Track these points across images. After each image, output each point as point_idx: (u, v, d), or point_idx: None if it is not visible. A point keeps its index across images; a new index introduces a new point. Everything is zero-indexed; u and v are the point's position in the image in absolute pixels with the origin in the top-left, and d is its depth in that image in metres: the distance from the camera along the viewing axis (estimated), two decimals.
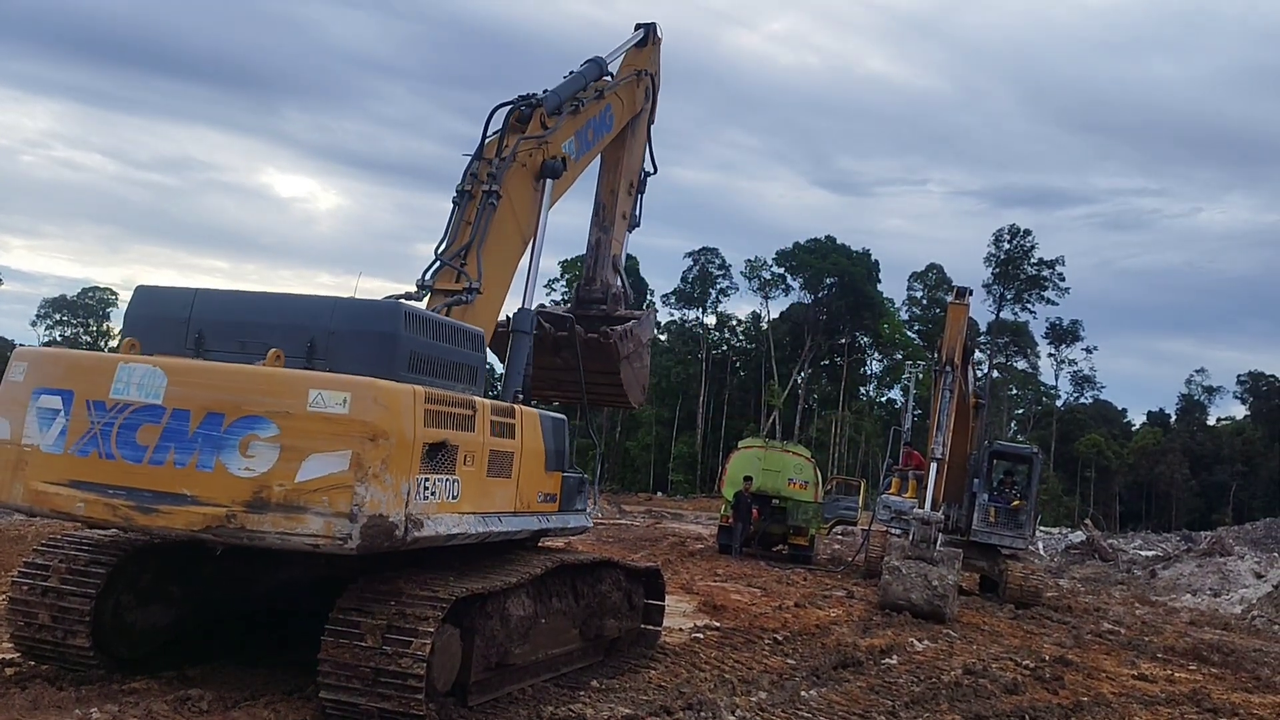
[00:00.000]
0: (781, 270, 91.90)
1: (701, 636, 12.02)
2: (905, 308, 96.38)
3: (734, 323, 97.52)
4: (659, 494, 71.24)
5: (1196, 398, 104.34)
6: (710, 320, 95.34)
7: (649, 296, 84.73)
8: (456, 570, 7.63)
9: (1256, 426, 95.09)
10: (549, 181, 9.99)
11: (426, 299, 9.01)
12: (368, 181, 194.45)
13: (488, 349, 9.04)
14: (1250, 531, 43.63)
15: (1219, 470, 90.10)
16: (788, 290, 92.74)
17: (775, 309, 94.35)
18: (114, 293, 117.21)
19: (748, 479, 22.24)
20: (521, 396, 9.19)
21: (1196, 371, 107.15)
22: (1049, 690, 11.29)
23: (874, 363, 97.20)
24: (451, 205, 9.56)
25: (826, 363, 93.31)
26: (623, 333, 11.52)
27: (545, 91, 10.37)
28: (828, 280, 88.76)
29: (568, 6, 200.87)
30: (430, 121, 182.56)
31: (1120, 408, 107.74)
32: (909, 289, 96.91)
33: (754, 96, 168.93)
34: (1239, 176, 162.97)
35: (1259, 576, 27.72)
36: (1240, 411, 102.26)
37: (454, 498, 7.18)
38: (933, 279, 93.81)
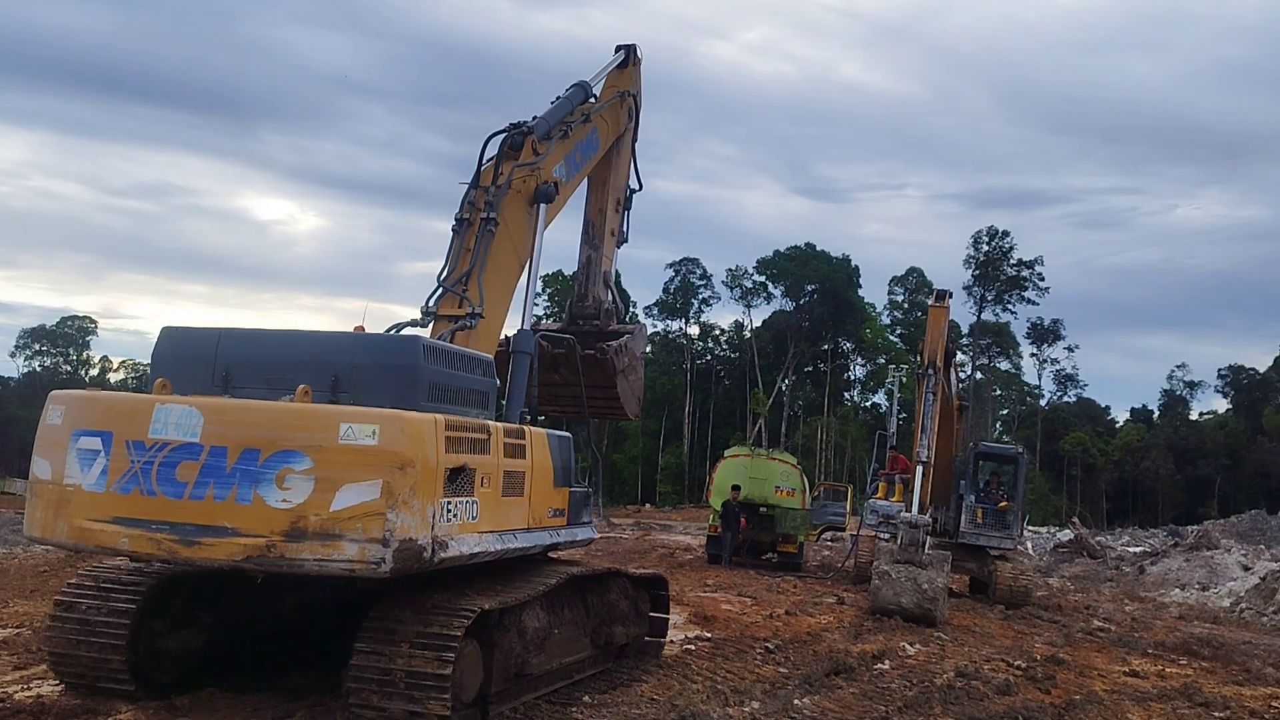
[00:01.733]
0: (763, 278, 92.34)
1: (693, 648, 11.98)
2: (887, 312, 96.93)
3: (717, 332, 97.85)
4: (647, 505, 71.19)
5: (1178, 393, 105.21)
6: (694, 330, 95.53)
7: (632, 308, 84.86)
8: (474, 586, 7.96)
9: (1238, 419, 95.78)
10: (543, 206, 10.34)
11: (431, 325, 9.35)
12: (347, 202, 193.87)
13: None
14: (1236, 524, 43.90)
15: (1203, 464, 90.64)
16: (769, 298, 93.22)
17: (758, 317, 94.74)
18: (93, 321, 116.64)
19: (735, 488, 22.22)
20: (529, 417, 9.56)
21: (1178, 367, 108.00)
22: (1041, 690, 11.29)
23: (857, 368, 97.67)
24: (451, 233, 9.89)
25: (810, 369, 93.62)
26: (618, 348, 11.87)
27: (534, 118, 10.68)
28: (809, 287, 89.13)
29: (544, 23, 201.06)
30: (409, 141, 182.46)
31: (1104, 405, 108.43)
32: (890, 293, 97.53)
33: (731, 106, 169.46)
34: (1214, 173, 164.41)
35: (1246, 569, 27.85)
36: (1222, 405, 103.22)
37: (474, 518, 7.55)
38: (913, 283, 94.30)
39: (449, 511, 7.15)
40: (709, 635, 12.79)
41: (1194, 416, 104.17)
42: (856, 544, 21.97)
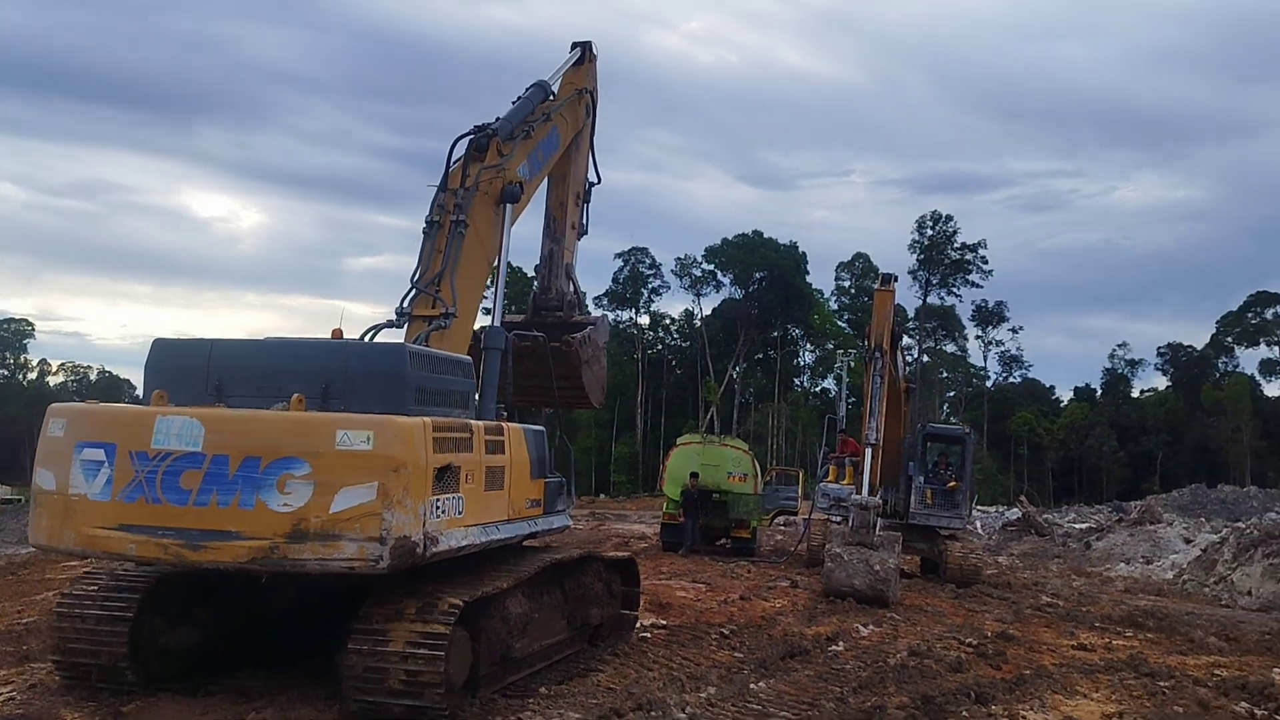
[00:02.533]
0: (711, 267, 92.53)
1: (649, 635, 11.97)
2: (834, 298, 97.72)
3: (667, 321, 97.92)
4: (601, 496, 71.13)
5: (1120, 371, 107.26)
6: (644, 320, 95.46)
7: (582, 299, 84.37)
8: (460, 577, 8.32)
9: (1178, 396, 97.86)
10: (508, 206, 10.72)
11: (407, 325, 9.66)
12: (290, 198, 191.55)
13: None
14: (1178, 498, 44.92)
15: (1145, 440, 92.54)
16: (719, 286, 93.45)
17: (707, 305, 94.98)
18: (30, 324, 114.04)
19: (694, 475, 22.22)
20: (505, 413, 9.95)
21: (1119, 346, 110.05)
22: (992, 666, 11.45)
23: (807, 354, 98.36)
24: (422, 235, 10.18)
25: (760, 356, 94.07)
26: (582, 339, 12.27)
27: (497, 120, 10.99)
28: (757, 274, 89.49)
29: (486, 13, 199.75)
30: (352, 134, 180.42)
31: (1048, 385, 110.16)
32: (837, 279, 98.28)
33: (676, 96, 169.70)
34: (1151, 154, 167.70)
35: (1188, 542, 28.48)
36: (1162, 382, 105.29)
37: (460, 513, 7.96)
38: (860, 268, 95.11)
39: (438, 508, 7.54)
40: (664, 623, 12.80)
41: (1135, 394, 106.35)
42: (808, 528, 22.11)
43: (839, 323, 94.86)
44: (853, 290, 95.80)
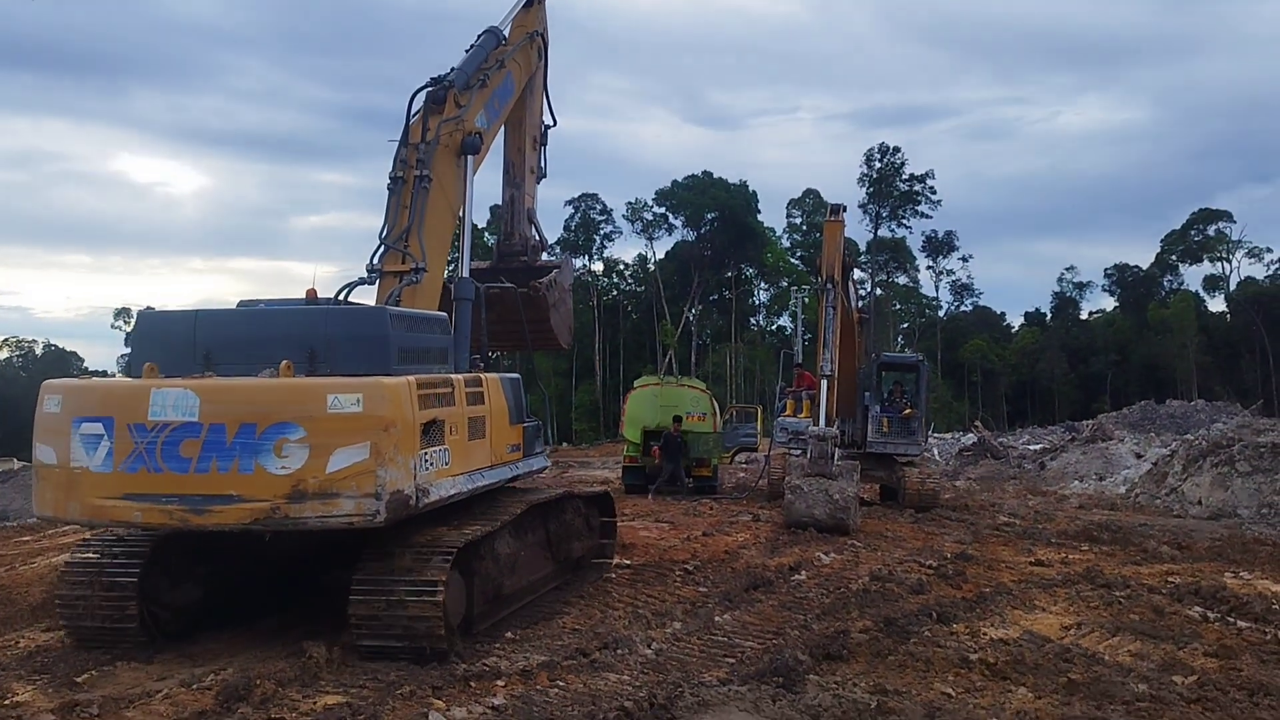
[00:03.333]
0: (663, 210, 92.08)
1: (613, 576, 12.01)
2: (786, 235, 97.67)
3: (621, 266, 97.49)
4: (564, 444, 71.19)
5: (1069, 294, 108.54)
6: (598, 267, 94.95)
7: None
8: (450, 522, 8.78)
9: (1125, 316, 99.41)
10: (469, 158, 10.93)
11: (379, 282, 9.94)
12: (230, 158, 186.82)
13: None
14: (1128, 416, 45.87)
15: (1095, 361, 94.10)
16: (671, 229, 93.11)
17: (660, 249, 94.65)
18: None
19: (677, 419, 22.07)
20: (482, 364, 10.42)
21: (1067, 269, 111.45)
22: (953, 586, 11.62)
23: (761, 292, 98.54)
24: (387, 191, 10.32)
25: (715, 297, 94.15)
26: (549, 283, 12.55)
27: (452, 70, 11.09)
28: (709, 215, 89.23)
29: None
30: (288, 91, 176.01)
31: (999, 312, 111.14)
32: (788, 216, 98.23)
33: (620, 39, 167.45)
34: (1092, 78, 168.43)
35: (1139, 457, 29.14)
36: (1110, 303, 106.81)
37: (446, 464, 8.44)
38: (810, 204, 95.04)
39: (426, 461, 8.02)
40: (628, 562, 12.83)
41: (1084, 316, 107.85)
42: (769, 462, 22.24)
43: (792, 260, 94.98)
44: (804, 227, 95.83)
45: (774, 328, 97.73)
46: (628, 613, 10.09)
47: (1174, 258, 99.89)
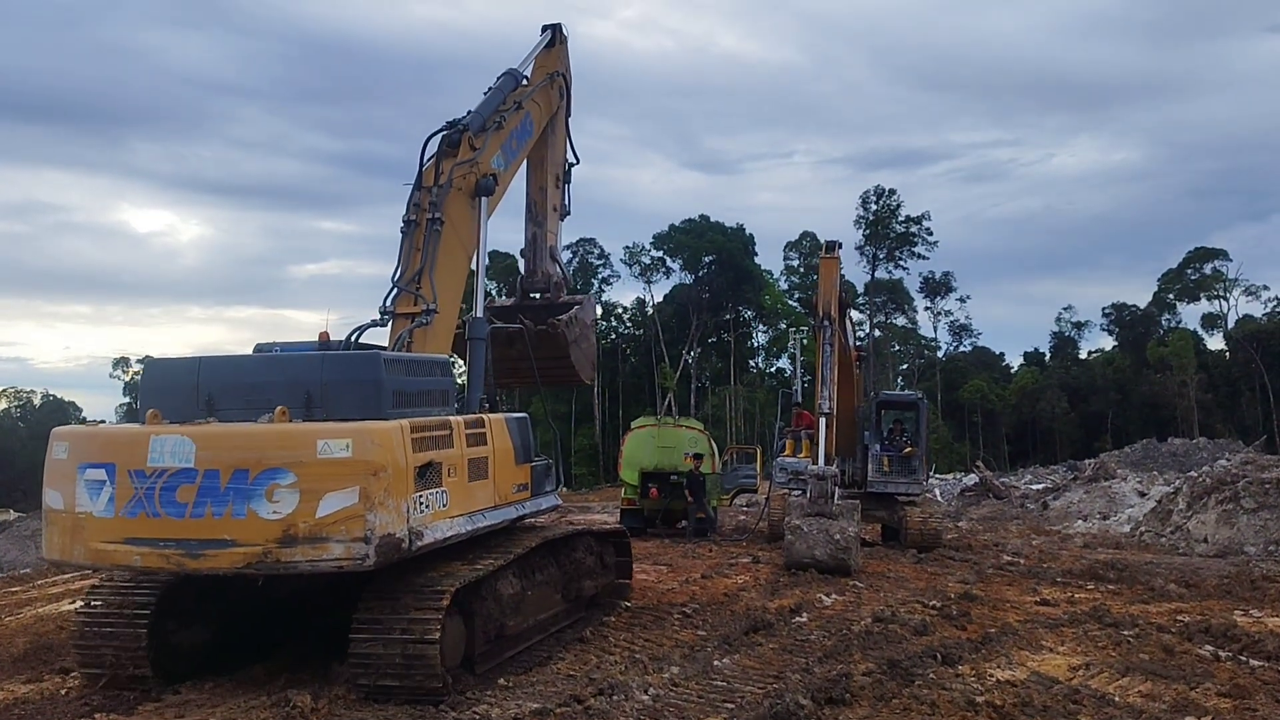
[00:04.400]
0: (660, 253, 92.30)
1: (610, 619, 11.76)
2: (784, 278, 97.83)
3: (620, 310, 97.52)
4: (563, 489, 70.73)
5: (1067, 334, 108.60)
6: (596, 311, 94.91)
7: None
8: (451, 563, 8.85)
9: (1124, 354, 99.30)
10: (484, 199, 10.94)
11: (391, 324, 10.05)
12: (229, 208, 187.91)
13: (451, 353, 10.53)
14: (1130, 454, 45.57)
15: (1095, 400, 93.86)
16: (669, 273, 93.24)
17: (659, 292, 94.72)
18: None
19: (698, 456, 21.81)
20: (488, 405, 10.50)
21: (1065, 309, 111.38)
22: (957, 626, 11.38)
23: (759, 335, 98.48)
24: (400, 234, 10.41)
25: (714, 340, 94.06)
26: (569, 320, 12.65)
27: (468, 114, 11.21)
28: (706, 259, 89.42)
29: (415, 10, 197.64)
30: (288, 139, 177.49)
31: (998, 352, 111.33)
32: (785, 259, 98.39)
33: (616, 85, 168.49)
34: (1085, 120, 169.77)
35: (1142, 495, 28.86)
36: (1108, 342, 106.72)
37: (444, 506, 8.51)
38: (807, 246, 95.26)
39: (421, 504, 8.10)
40: (627, 605, 12.57)
41: (1083, 355, 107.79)
42: (768, 503, 21.99)
43: (790, 302, 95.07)
44: (801, 269, 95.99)
45: (773, 370, 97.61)
46: (624, 657, 9.85)
47: (1171, 296, 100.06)
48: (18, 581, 19.34)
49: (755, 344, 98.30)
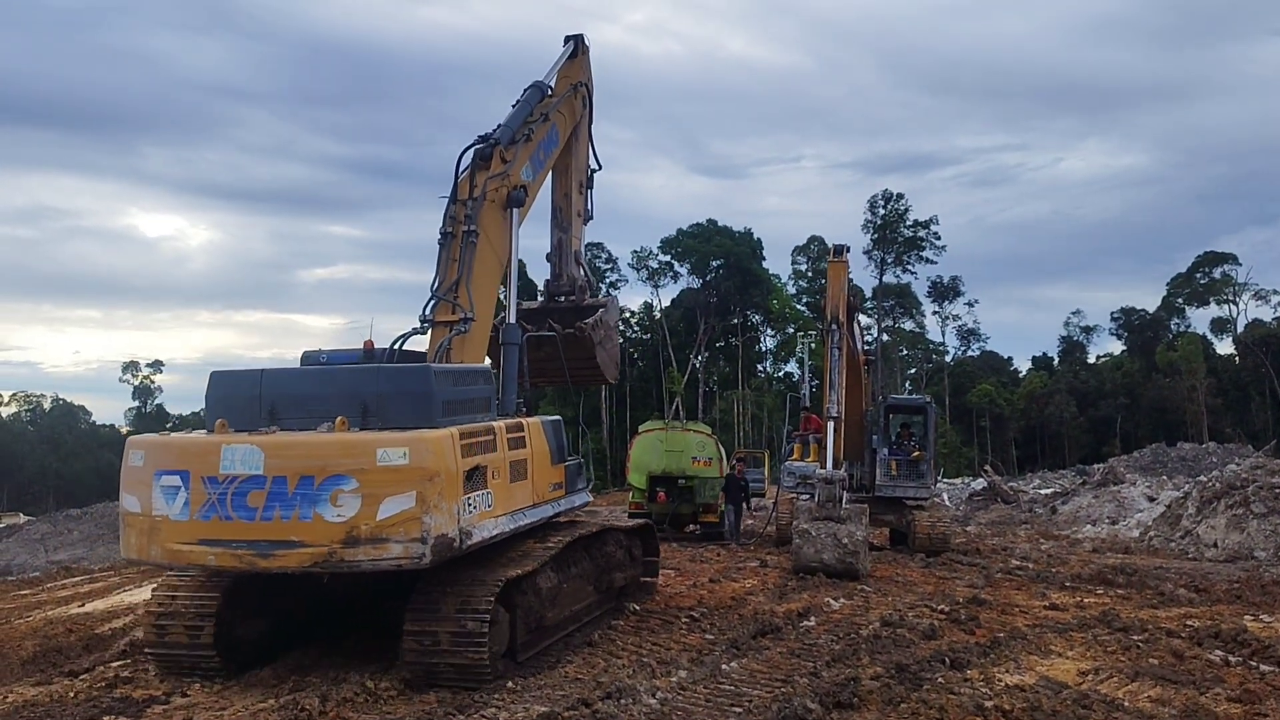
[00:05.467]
0: (668, 258, 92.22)
1: (618, 623, 11.73)
2: (792, 282, 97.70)
3: (627, 314, 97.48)
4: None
5: (1075, 338, 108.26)
6: None
7: (539, 298, 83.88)
8: (496, 559, 9.47)
9: (1133, 359, 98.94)
10: (515, 210, 11.47)
11: (430, 332, 10.57)
12: (238, 212, 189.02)
13: (486, 356, 11.13)
14: (1139, 459, 45.36)
15: (1104, 405, 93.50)
16: (676, 277, 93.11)
17: (666, 297, 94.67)
18: None
19: (739, 460, 21.88)
20: (525, 408, 11.11)
21: (1073, 313, 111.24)
22: (966, 631, 11.34)
23: (768, 339, 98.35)
24: (438, 246, 10.92)
25: (722, 344, 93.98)
26: (594, 323, 13.09)
27: (498, 127, 11.68)
28: (714, 263, 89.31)
29: (423, 14, 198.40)
30: (297, 144, 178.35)
31: (1006, 356, 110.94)
32: (793, 263, 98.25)
33: (623, 89, 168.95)
34: (1093, 124, 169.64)
35: (1151, 500, 28.74)
36: (1117, 347, 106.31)
37: (489, 506, 9.11)
38: (815, 251, 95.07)
39: (469, 505, 8.68)
40: (634, 608, 12.55)
41: (1092, 360, 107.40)
42: (776, 507, 21.96)
43: (798, 306, 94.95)
44: (809, 274, 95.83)
45: (781, 374, 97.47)
46: (632, 661, 9.84)
47: (1180, 301, 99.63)
48: (27, 584, 19.42)
49: (763, 348, 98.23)
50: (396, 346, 10.25)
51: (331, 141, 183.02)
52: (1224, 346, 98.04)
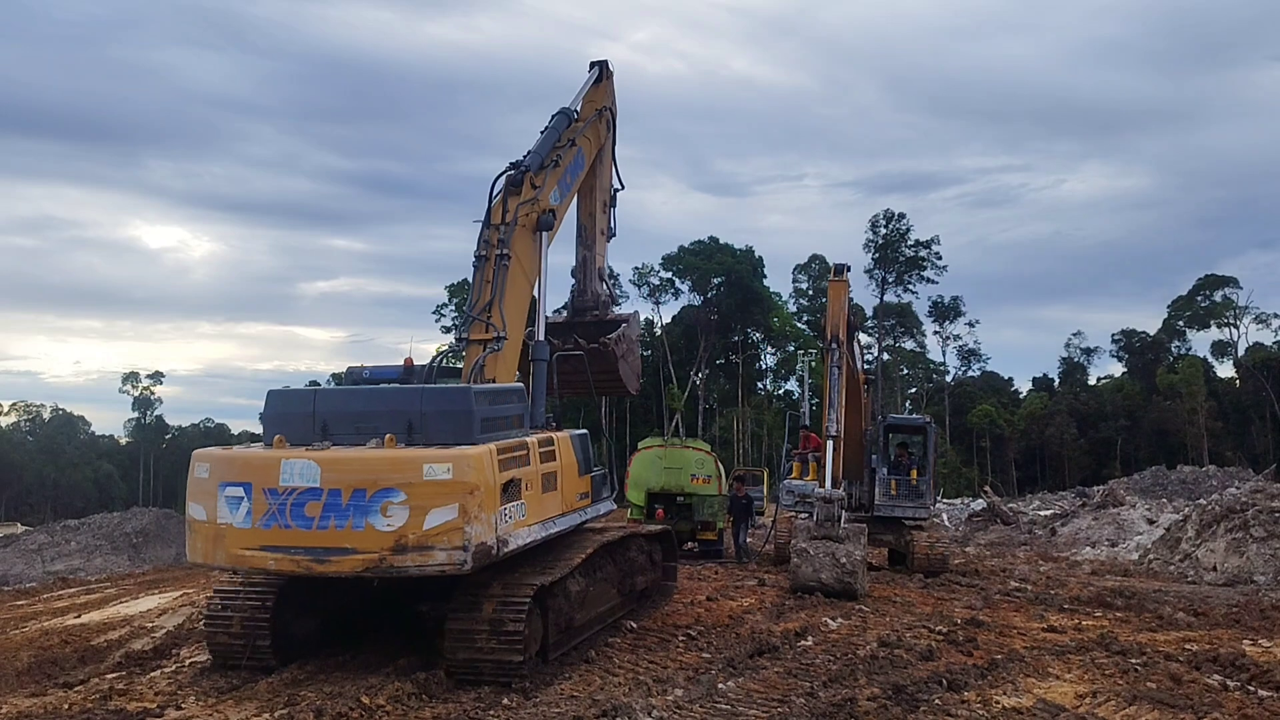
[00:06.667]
0: (669, 275, 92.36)
1: (615, 640, 11.70)
2: (792, 300, 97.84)
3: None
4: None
5: (1076, 360, 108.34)
6: None
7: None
8: (529, 565, 10.19)
9: (1134, 381, 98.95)
10: (544, 234, 12.03)
11: (466, 349, 11.16)
12: (240, 225, 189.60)
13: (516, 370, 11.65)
14: (1139, 481, 45.30)
15: (1104, 426, 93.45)
16: (677, 294, 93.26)
17: (667, 314, 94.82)
18: None
19: (739, 479, 21.86)
20: (555, 422, 11.79)
21: (1074, 335, 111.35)
22: (963, 652, 11.30)
23: (768, 357, 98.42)
24: (472, 268, 11.53)
25: (722, 361, 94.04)
26: (617, 337, 13.73)
27: (527, 154, 12.17)
28: (715, 280, 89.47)
29: (429, 31, 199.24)
30: (301, 158, 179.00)
31: (1007, 377, 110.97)
32: (794, 281, 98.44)
33: (626, 107, 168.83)
34: (1094, 146, 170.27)
35: (1151, 522, 28.68)
36: (1118, 369, 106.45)
37: (523, 516, 9.77)
38: (816, 269, 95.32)
39: (506, 515, 9.34)
40: (631, 626, 12.52)
41: (1092, 382, 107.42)
42: (775, 525, 21.91)
43: (798, 324, 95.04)
44: (810, 292, 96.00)
45: (781, 392, 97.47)
46: (628, 679, 9.81)
47: (1181, 323, 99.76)
48: (23, 595, 19.37)
49: (763, 366, 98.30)
50: (436, 364, 11.19)
51: (336, 156, 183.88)
52: (1225, 370, 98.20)
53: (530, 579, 9.78)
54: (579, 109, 13.73)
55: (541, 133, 12.84)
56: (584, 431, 12.14)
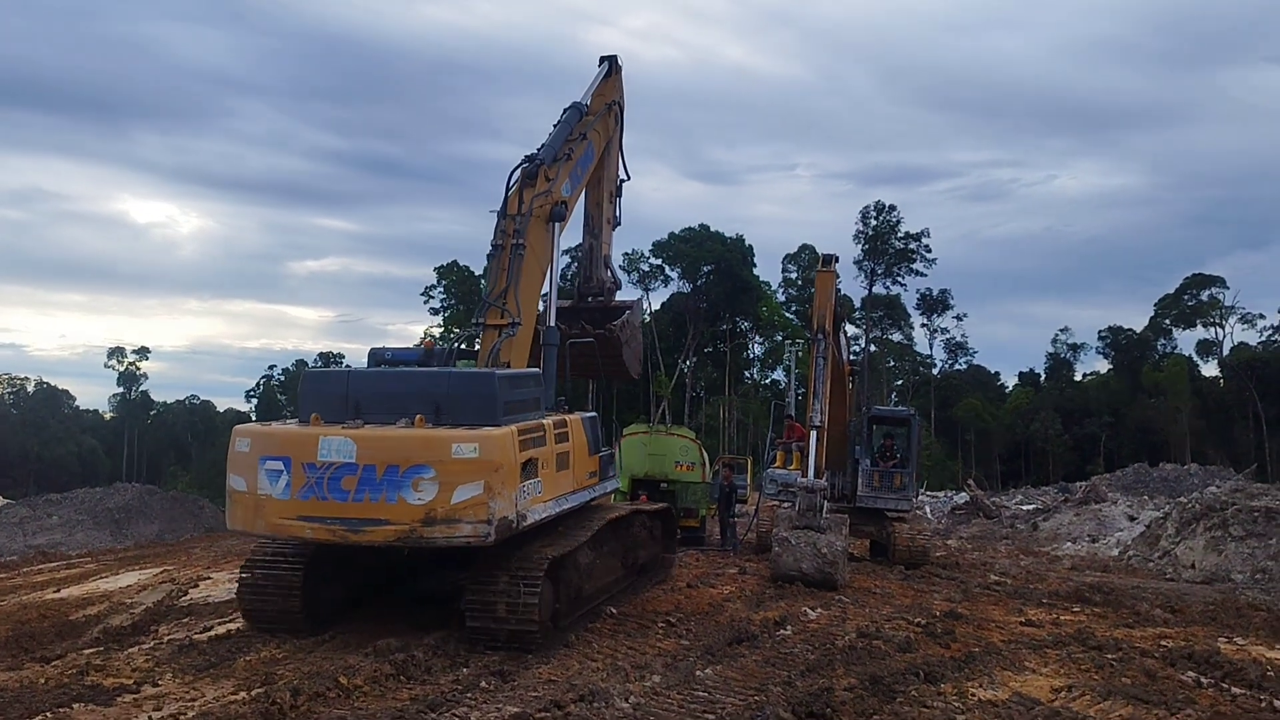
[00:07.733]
0: (659, 261, 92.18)
1: (594, 625, 11.72)
2: (781, 290, 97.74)
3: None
4: None
5: (1063, 356, 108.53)
6: None
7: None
8: (543, 539, 10.88)
9: (1119, 378, 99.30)
10: (557, 224, 12.56)
11: (482, 334, 11.75)
12: (231, 202, 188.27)
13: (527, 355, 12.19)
14: (1121, 478, 45.55)
15: (1089, 423, 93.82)
16: (667, 281, 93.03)
17: (656, 300, 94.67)
18: None
19: (727, 467, 21.83)
20: (565, 404, 12.39)
21: (1061, 331, 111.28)
22: (941, 645, 11.35)
23: (756, 346, 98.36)
24: (487, 257, 12.12)
25: (710, 349, 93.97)
26: (622, 324, 14.42)
27: (541, 148, 12.73)
28: (705, 268, 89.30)
29: (426, 12, 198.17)
30: (294, 136, 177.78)
31: (993, 371, 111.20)
32: (784, 271, 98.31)
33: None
34: (1087, 143, 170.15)
35: (1132, 519, 28.89)
36: (1104, 366, 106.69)
37: (539, 492, 10.47)
38: (806, 259, 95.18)
39: (525, 492, 10.03)
40: (611, 612, 12.54)
41: (1078, 378, 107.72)
42: (757, 514, 21.95)
43: (787, 314, 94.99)
44: (799, 282, 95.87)
45: (768, 381, 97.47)
46: (606, 664, 9.84)
47: (1168, 322, 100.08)
48: (3, 568, 19.29)
49: (751, 355, 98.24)
50: (456, 347, 12.07)
51: (328, 135, 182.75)
52: (1209, 369, 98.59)
53: (543, 551, 10.47)
54: (589, 103, 14.13)
55: (554, 126, 13.26)
56: (594, 414, 12.81)
